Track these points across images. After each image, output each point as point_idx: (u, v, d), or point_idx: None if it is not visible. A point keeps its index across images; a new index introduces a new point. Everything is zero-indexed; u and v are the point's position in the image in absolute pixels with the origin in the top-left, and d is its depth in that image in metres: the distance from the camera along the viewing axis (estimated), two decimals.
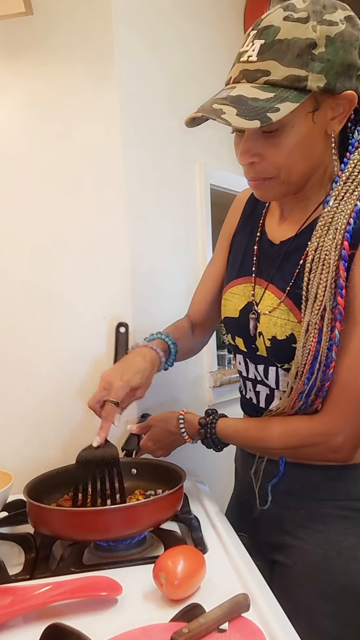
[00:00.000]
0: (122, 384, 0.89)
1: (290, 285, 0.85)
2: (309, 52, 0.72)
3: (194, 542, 0.84)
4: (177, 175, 1.38)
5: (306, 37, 0.72)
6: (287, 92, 0.72)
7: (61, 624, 0.58)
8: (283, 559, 0.90)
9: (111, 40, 1.13)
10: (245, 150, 0.78)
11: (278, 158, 0.77)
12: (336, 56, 0.73)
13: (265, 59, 0.73)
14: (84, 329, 1.16)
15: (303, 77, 0.72)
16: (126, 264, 1.17)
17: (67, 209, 1.15)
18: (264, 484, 0.93)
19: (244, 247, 0.99)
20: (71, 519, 0.79)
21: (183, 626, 0.58)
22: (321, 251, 0.78)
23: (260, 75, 0.73)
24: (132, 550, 0.84)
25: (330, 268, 0.77)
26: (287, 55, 0.72)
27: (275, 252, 0.91)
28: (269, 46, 0.73)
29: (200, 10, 1.51)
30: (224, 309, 0.99)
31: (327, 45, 0.72)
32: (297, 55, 0.71)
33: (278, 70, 0.72)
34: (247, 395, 0.99)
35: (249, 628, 0.61)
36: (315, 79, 0.72)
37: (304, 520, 0.87)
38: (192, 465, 1.32)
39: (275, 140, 0.76)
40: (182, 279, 1.39)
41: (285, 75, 0.72)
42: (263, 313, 0.89)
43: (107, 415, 0.88)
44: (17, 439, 1.14)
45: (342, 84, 0.74)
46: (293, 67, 0.72)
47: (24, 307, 1.14)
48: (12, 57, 1.13)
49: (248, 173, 0.82)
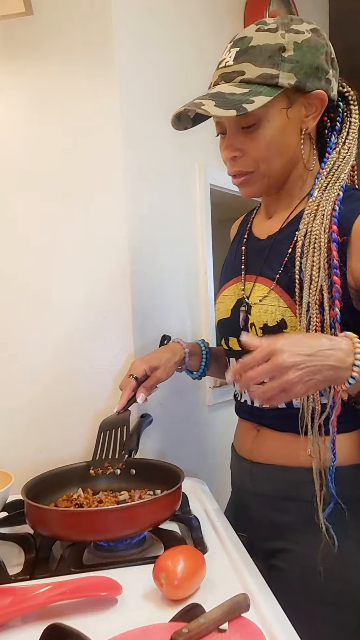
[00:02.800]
0: (140, 361, 1.00)
1: (279, 273, 0.88)
2: (279, 54, 0.80)
3: (193, 542, 0.84)
4: (177, 175, 1.38)
5: (276, 42, 0.81)
6: (261, 88, 0.80)
7: (61, 624, 0.58)
8: (280, 563, 0.90)
9: (111, 41, 1.13)
10: (228, 145, 0.86)
11: (257, 151, 0.84)
12: (304, 58, 0.81)
13: (240, 62, 0.82)
14: (83, 329, 1.16)
15: (275, 74, 0.80)
16: (126, 264, 1.17)
17: (66, 209, 1.15)
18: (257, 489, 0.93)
19: (234, 252, 1.03)
20: (69, 520, 0.79)
21: (183, 626, 0.58)
22: (310, 235, 0.83)
23: (236, 75, 0.82)
24: (132, 550, 0.84)
25: (322, 250, 0.81)
26: (259, 58, 0.80)
27: (262, 246, 0.95)
28: (244, 52, 0.82)
29: (200, 12, 1.51)
30: (217, 313, 1.02)
31: (295, 50, 0.81)
32: (268, 57, 0.80)
33: (252, 70, 0.81)
34: (241, 399, 0.99)
35: (249, 628, 0.61)
36: (286, 77, 0.80)
37: (301, 524, 0.87)
38: (192, 465, 1.32)
39: (253, 134, 0.83)
40: (182, 279, 1.39)
41: (259, 73, 0.80)
42: (253, 303, 0.90)
43: (125, 385, 0.98)
44: (17, 439, 1.14)
45: (312, 83, 0.83)
46: (265, 66, 0.80)
47: (24, 307, 1.14)
48: (12, 57, 1.13)
49: (232, 168, 0.89)
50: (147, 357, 1.01)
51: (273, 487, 0.92)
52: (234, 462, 1.05)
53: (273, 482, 0.92)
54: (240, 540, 0.86)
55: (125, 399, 0.97)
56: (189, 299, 1.42)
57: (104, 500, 0.93)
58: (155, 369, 0.99)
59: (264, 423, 0.94)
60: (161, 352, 1.03)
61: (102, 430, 0.97)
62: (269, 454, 0.93)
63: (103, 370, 1.16)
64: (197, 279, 1.46)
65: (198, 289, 1.46)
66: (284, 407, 0.89)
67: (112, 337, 1.17)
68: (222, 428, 1.49)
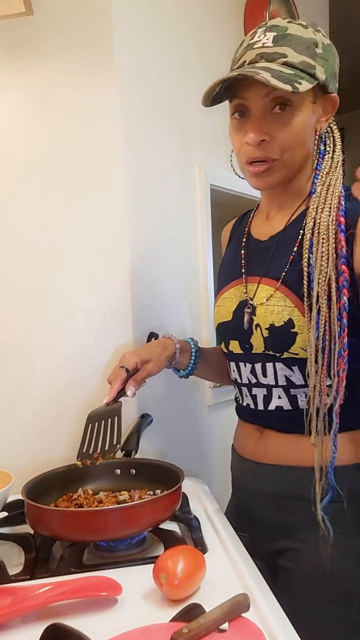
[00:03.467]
0: (132, 354, 0.98)
1: (285, 272, 0.87)
2: (313, 48, 0.81)
3: (193, 542, 0.84)
4: (177, 175, 1.38)
5: (309, 37, 0.82)
6: (303, 74, 0.80)
7: (61, 624, 0.58)
8: (287, 563, 0.90)
9: (111, 41, 1.13)
10: (257, 129, 0.83)
11: (286, 138, 0.83)
12: (330, 59, 0.83)
13: (280, 45, 0.80)
14: (84, 329, 1.16)
15: (313, 65, 0.81)
16: (126, 265, 1.17)
17: (66, 209, 1.15)
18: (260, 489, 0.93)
19: (233, 255, 1.02)
20: (69, 520, 0.79)
21: (183, 626, 0.58)
22: (319, 227, 0.83)
23: (278, 56, 0.80)
24: (132, 550, 0.84)
25: (330, 240, 0.81)
26: (298, 46, 0.80)
27: (265, 247, 0.94)
28: (282, 37, 0.81)
29: (200, 12, 1.51)
30: (217, 316, 1.01)
31: (324, 49, 0.82)
32: (306, 47, 0.81)
33: (293, 55, 0.80)
34: (243, 402, 0.98)
35: (249, 628, 0.61)
36: (320, 71, 0.81)
37: (308, 523, 0.85)
38: (192, 465, 1.32)
39: (284, 119, 0.82)
40: (182, 279, 1.39)
41: (300, 60, 0.80)
42: (259, 304, 0.90)
43: (115, 377, 0.95)
44: (17, 439, 1.14)
45: (332, 85, 0.85)
46: (304, 55, 0.80)
47: (24, 307, 1.14)
48: (12, 57, 1.13)
49: (255, 152, 0.85)
50: (138, 350, 1.00)
51: (277, 487, 0.92)
52: (235, 463, 1.04)
53: (277, 482, 0.92)
54: (240, 540, 0.86)
55: (116, 390, 0.94)
56: (189, 299, 1.42)
57: (104, 500, 0.93)
58: (146, 362, 0.97)
59: (269, 425, 0.94)
60: (152, 346, 1.02)
61: (90, 422, 0.94)
62: (273, 455, 0.93)
63: (103, 370, 1.16)
64: (197, 279, 1.46)
65: (198, 289, 1.46)
66: (289, 408, 0.89)
67: (112, 337, 1.17)
68: (222, 428, 1.49)
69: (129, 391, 0.94)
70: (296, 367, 0.87)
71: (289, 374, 0.88)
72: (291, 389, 0.89)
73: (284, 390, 0.90)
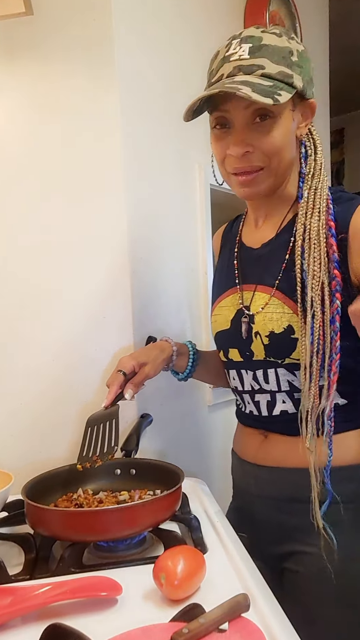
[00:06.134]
0: (129, 358, 0.98)
1: (279, 279, 0.87)
2: (289, 57, 0.82)
3: (193, 542, 0.84)
4: (177, 175, 1.38)
5: (284, 45, 0.82)
6: (281, 84, 0.80)
7: (61, 624, 0.58)
8: (294, 566, 0.90)
9: (111, 41, 1.13)
10: (240, 140, 0.83)
11: (269, 147, 0.83)
12: (305, 66, 0.84)
13: (257, 57, 0.81)
14: (83, 329, 1.16)
15: (290, 74, 0.81)
16: (126, 265, 1.17)
17: (66, 209, 1.15)
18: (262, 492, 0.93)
19: (226, 263, 1.02)
20: (69, 520, 0.79)
21: (183, 626, 0.58)
22: (310, 232, 0.83)
23: (256, 68, 0.80)
24: (132, 550, 0.84)
25: (321, 244, 0.82)
26: (274, 56, 0.81)
27: (258, 255, 0.94)
28: (258, 48, 0.81)
29: (200, 12, 1.51)
30: (214, 325, 1.01)
31: (299, 56, 0.83)
32: (282, 57, 0.81)
33: (270, 66, 0.80)
34: (246, 409, 0.98)
35: (249, 628, 0.61)
36: (298, 79, 0.82)
37: (312, 525, 0.85)
38: (192, 465, 1.32)
39: (266, 129, 0.83)
40: (182, 279, 1.39)
41: (278, 70, 0.80)
42: (256, 312, 0.89)
43: (113, 381, 0.96)
44: (17, 439, 1.14)
45: (310, 91, 0.86)
46: (281, 65, 0.81)
47: (23, 307, 1.14)
48: (12, 57, 1.13)
49: (238, 164, 0.85)
50: (135, 353, 1.00)
51: (280, 489, 0.92)
52: (236, 466, 1.04)
53: (279, 484, 0.92)
54: (240, 540, 0.86)
55: (113, 394, 0.95)
56: (189, 299, 1.42)
57: (104, 500, 0.93)
58: (143, 365, 0.97)
59: (273, 429, 0.94)
60: (149, 349, 1.02)
61: (89, 426, 0.95)
62: (276, 457, 0.93)
63: (103, 371, 1.16)
64: (197, 279, 1.46)
65: (198, 289, 1.46)
66: (294, 412, 0.89)
67: (112, 337, 1.17)
68: (222, 428, 1.49)
69: (127, 394, 0.94)
70: (298, 371, 0.87)
71: (291, 379, 0.89)
72: (295, 392, 0.89)
73: (288, 394, 0.90)
